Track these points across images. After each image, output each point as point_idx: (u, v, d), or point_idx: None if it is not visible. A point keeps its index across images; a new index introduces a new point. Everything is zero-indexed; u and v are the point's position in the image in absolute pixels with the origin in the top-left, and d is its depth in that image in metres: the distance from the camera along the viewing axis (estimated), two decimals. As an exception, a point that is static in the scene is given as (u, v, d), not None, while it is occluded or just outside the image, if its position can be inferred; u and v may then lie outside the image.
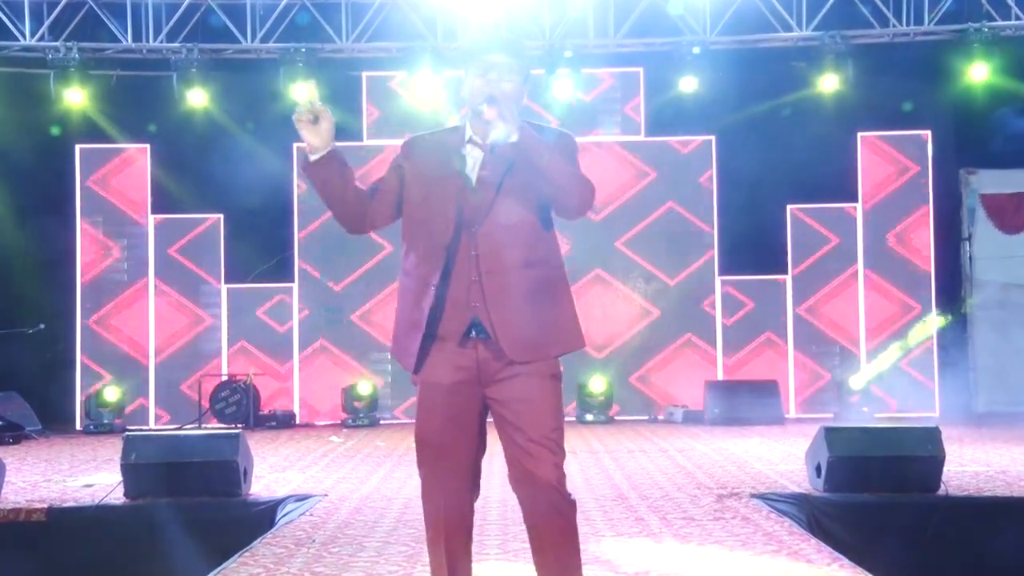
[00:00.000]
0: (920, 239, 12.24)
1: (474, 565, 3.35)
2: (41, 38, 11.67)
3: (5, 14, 11.58)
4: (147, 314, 12.26)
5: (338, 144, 3.24)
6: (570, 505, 3.19)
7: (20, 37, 11.65)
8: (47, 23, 11.65)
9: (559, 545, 3.18)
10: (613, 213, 12.26)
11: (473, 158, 3.24)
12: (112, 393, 11.75)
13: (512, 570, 4.70)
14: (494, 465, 3.57)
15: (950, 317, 11.90)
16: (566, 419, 3.36)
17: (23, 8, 11.56)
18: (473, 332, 3.18)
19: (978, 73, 11.39)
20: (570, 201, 3.17)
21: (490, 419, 3.28)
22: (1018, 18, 11.40)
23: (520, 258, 3.17)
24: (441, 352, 3.19)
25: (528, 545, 3.29)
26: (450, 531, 3.24)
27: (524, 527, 3.27)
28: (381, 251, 12.14)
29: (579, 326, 3.31)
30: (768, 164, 11.89)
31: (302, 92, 2.90)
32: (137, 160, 12.36)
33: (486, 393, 3.21)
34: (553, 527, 3.17)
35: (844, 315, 12.22)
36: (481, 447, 3.28)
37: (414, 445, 3.32)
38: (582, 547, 5.13)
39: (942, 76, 11.74)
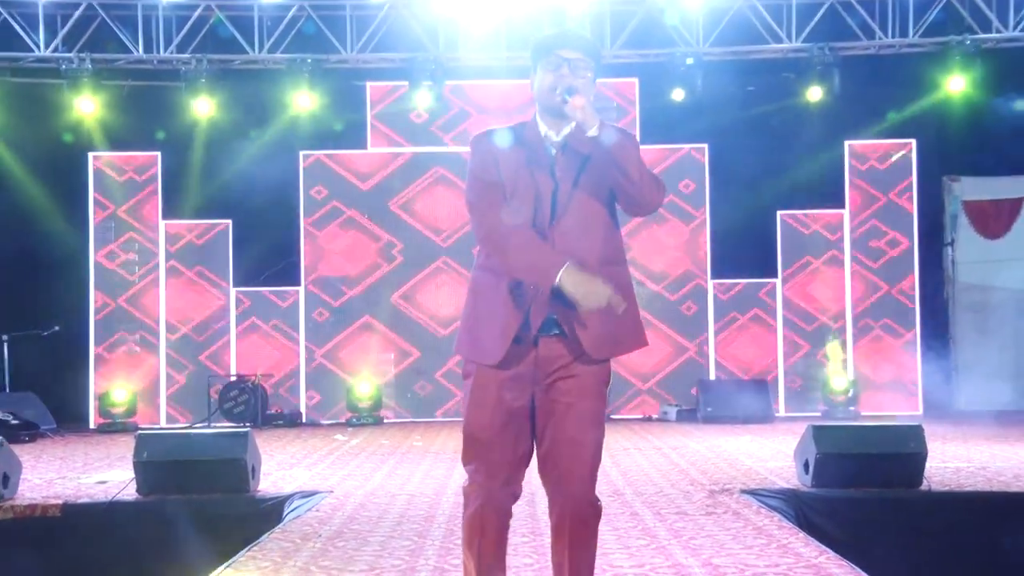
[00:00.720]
0: (905, 244, 12.28)
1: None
2: (55, 49, 11.69)
3: (20, 26, 11.62)
4: (158, 316, 12.28)
5: (342, 152, 3.24)
6: (595, 512, 3.14)
7: (35, 48, 11.67)
8: (61, 34, 11.67)
9: (577, 548, 3.13)
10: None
11: (549, 155, 3.15)
12: (124, 393, 11.79)
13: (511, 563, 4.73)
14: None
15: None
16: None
17: (38, 20, 11.59)
18: (546, 329, 3.09)
19: (960, 84, 11.44)
20: (642, 196, 3.07)
21: None
22: (999, 31, 11.46)
23: (598, 255, 3.08)
24: (509, 348, 3.09)
25: (527, 539, 3.29)
26: (487, 533, 3.14)
27: (526, 520, 3.25)
28: (393, 248, 12.21)
29: (641, 328, 3.22)
30: (759, 171, 11.96)
31: None
32: (148, 167, 12.37)
33: (536, 391, 3.12)
34: (574, 530, 3.11)
35: (832, 317, 12.25)
36: (528, 451, 3.16)
37: (462, 440, 3.20)
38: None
39: (926, 86, 11.80)
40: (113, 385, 11.90)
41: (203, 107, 11.84)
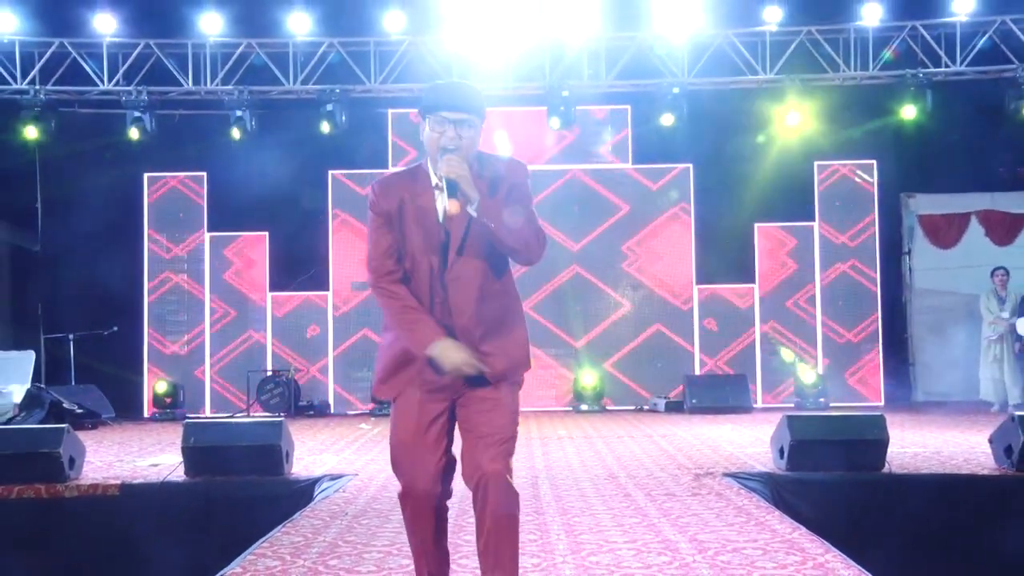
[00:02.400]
0: (868, 252, 12.24)
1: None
2: (117, 83, 11.75)
3: (87, 63, 11.70)
4: (204, 316, 12.29)
5: (367, 171, 3.18)
6: (512, 493, 2.97)
7: (99, 82, 11.72)
8: (122, 70, 11.73)
9: (499, 529, 2.97)
10: (601, 234, 12.29)
11: (441, 202, 2.97)
12: (174, 386, 11.81)
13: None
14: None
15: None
16: (564, 409, 3.25)
17: (102, 58, 11.70)
18: None
19: (914, 112, 11.45)
20: (518, 258, 2.99)
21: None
22: (947, 66, 11.48)
23: (479, 293, 2.99)
24: (418, 373, 3.03)
25: (531, 518, 3.18)
26: (422, 530, 3.08)
27: (531, 501, 3.15)
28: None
29: (528, 350, 3.11)
30: (738, 188, 11.95)
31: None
32: (196, 186, 12.42)
33: (455, 399, 3.04)
34: (496, 513, 2.95)
35: (804, 318, 12.22)
36: (451, 459, 3.07)
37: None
38: (578, 520, 5.14)
39: (885, 113, 11.79)
40: (164, 379, 11.91)
41: (244, 132, 11.86)
